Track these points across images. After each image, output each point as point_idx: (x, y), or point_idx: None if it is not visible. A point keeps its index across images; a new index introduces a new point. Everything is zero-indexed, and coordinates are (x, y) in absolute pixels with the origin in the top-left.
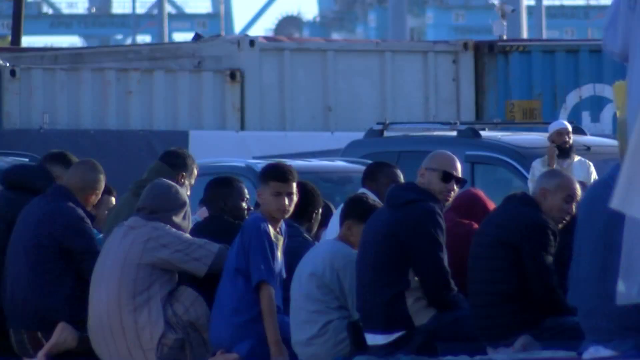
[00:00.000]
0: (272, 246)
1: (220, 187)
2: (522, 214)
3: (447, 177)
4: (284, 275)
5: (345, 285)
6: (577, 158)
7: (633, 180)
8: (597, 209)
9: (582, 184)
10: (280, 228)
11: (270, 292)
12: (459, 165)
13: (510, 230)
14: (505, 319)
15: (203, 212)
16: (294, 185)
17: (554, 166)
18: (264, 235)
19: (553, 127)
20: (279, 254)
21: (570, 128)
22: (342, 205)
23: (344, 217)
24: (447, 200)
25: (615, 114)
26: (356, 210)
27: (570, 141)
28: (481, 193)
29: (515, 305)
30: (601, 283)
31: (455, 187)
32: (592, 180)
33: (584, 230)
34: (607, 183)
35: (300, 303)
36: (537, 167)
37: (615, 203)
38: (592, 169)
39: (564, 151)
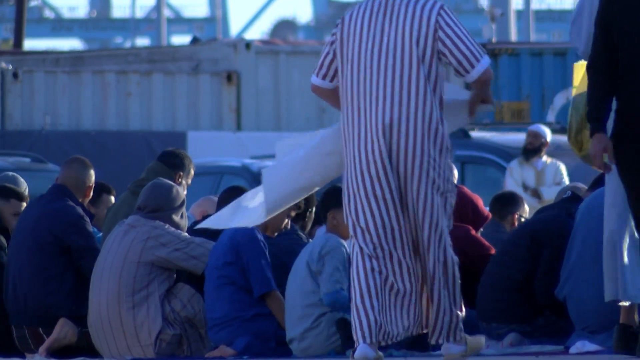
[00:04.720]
0: (266, 253)
1: (234, 195)
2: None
3: None
4: None
5: (325, 270)
6: (549, 160)
7: None
8: (594, 212)
9: (536, 193)
10: None
11: (279, 295)
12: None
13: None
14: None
15: (198, 209)
16: None
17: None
18: (261, 246)
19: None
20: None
21: (539, 131)
22: (318, 203)
23: (325, 211)
24: None
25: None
26: (333, 198)
27: (538, 144)
28: (466, 190)
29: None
30: (591, 273)
31: None
32: (563, 180)
33: (580, 229)
34: (603, 191)
35: (296, 300)
36: (514, 168)
37: None
38: (563, 169)
39: (529, 152)
